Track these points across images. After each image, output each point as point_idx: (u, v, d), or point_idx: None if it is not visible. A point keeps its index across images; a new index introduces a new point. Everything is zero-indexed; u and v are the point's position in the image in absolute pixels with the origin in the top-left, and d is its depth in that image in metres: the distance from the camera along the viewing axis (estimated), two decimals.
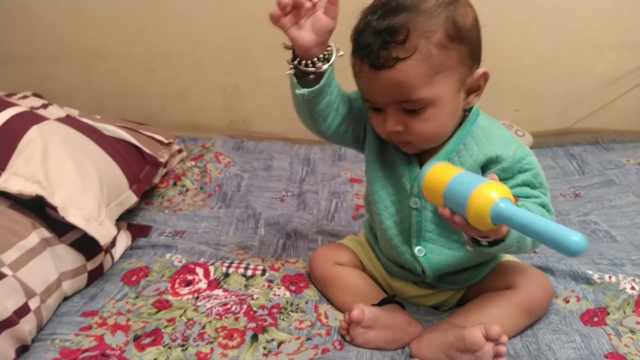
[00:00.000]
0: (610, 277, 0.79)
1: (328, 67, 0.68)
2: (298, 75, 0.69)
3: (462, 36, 0.63)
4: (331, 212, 1.12)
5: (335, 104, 0.72)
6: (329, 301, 0.81)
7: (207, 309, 0.77)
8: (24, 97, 1.19)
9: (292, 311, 0.78)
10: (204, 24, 1.46)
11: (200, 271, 0.86)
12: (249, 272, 0.86)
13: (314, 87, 0.68)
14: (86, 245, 0.82)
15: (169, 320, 0.75)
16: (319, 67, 0.68)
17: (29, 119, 0.91)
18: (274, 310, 0.77)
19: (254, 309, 0.77)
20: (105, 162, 0.97)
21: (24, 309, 0.68)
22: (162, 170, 1.18)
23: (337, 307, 0.79)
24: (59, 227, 0.80)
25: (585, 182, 1.17)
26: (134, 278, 0.86)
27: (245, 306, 0.78)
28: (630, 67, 1.40)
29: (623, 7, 1.35)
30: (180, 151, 1.31)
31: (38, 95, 1.29)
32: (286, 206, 1.16)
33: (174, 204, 1.14)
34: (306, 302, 0.80)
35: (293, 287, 0.83)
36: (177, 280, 0.84)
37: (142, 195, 1.05)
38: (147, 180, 1.09)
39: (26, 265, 0.72)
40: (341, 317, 0.75)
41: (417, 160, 0.72)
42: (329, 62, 0.68)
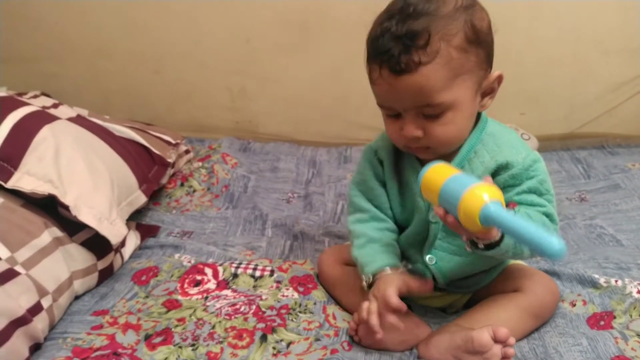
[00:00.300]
0: (616, 281, 0.79)
1: None
2: None
3: (480, 39, 0.64)
4: (337, 213, 1.13)
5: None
6: (337, 302, 0.81)
7: (217, 309, 0.78)
8: (35, 96, 1.19)
9: (300, 312, 0.78)
10: (210, 24, 1.46)
11: (209, 271, 0.87)
12: (258, 273, 0.87)
13: None
14: (97, 244, 0.83)
15: (179, 320, 0.75)
16: None
17: (41, 119, 0.92)
18: (283, 311, 0.78)
19: (263, 309, 0.78)
20: (115, 162, 0.98)
21: (37, 307, 0.69)
22: (170, 171, 1.19)
23: (345, 308, 0.79)
24: (70, 226, 0.81)
25: (591, 187, 1.18)
26: (143, 278, 0.86)
27: (254, 306, 0.78)
28: (635, 72, 1.40)
29: (628, 11, 1.36)
30: (187, 152, 1.32)
31: (47, 95, 1.30)
32: (292, 207, 1.16)
33: (182, 204, 1.15)
34: (314, 303, 0.80)
35: (301, 288, 0.84)
36: (187, 280, 0.85)
37: (150, 196, 1.06)
38: (156, 181, 1.10)
39: (39, 264, 0.73)
40: (349, 318, 0.76)
41: None
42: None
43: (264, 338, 0.72)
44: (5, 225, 0.74)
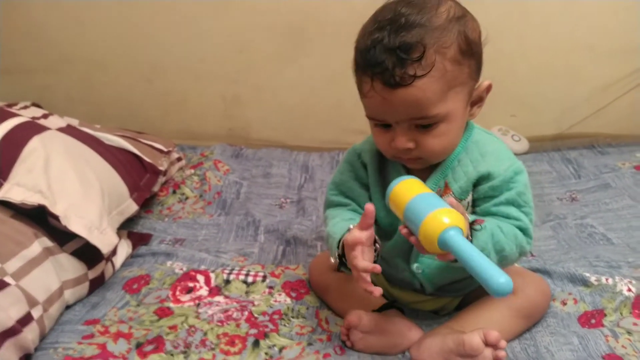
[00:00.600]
0: (607, 279, 0.79)
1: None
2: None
3: (472, 50, 0.64)
4: None
5: None
6: (329, 307, 0.81)
7: (209, 316, 0.78)
8: (25, 107, 1.19)
9: (293, 317, 0.78)
10: (203, 32, 1.47)
11: (201, 278, 0.87)
12: (250, 279, 0.87)
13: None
14: (87, 254, 0.83)
15: (171, 328, 0.75)
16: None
17: (30, 129, 0.92)
18: (275, 317, 0.78)
19: (255, 315, 0.78)
20: (106, 171, 0.98)
21: (27, 318, 0.69)
22: (162, 179, 1.18)
23: (338, 313, 0.79)
24: (60, 236, 0.81)
25: (582, 186, 1.18)
26: (135, 286, 0.86)
27: (246, 312, 0.78)
28: (624, 72, 1.41)
29: (617, 13, 1.37)
30: (179, 159, 1.32)
31: (38, 106, 1.30)
32: (285, 213, 1.16)
33: (174, 211, 1.15)
34: (307, 308, 0.80)
35: (294, 294, 0.84)
36: (178, 288, 0.85)
37: (142, 204, 1.06)
38: (147, 189, 1.09)
39: (29, 274, 0.73)
40: (342, 322, 0.76)
41: None
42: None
43: (256, 344, 0.72)
44: None
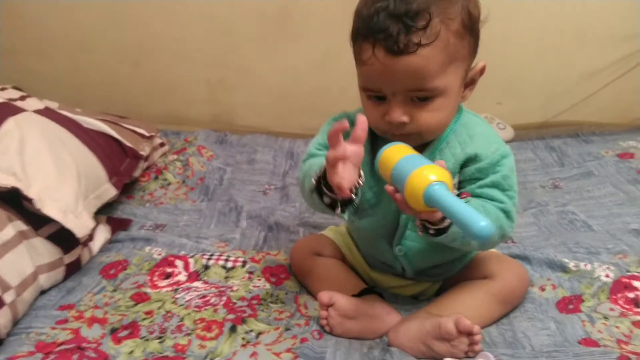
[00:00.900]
0: (585, 265, 0.80)
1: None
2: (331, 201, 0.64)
3: (473, 27, 0.63)
4: None
5: None
6: (309, 292, 0.81)
7: (186, 301, 0.77)
8: (2, 89, 1.17)
9: (271, 302, 0.78)
10: (189, 15, 1.45)
11: (180, 264, 0.86)
12: (229, 264, 0.86)
13: (351, 202, 0.64)
14: (63, 238, 0.81)
15: (147, 313, 0.74)
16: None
17: (5, 111, 0.90)
18: (254, 302, 0.77)
19: (234, 300, 0.77)
20: (83, 154, 0.96)
21: None
22: (143, 164, 1.17)
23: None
24: (35, 220, 0.79)
25: (565, 174, 1.18)
26: (112, 271, 0.85)
27: (224, 298, 0.78)
28: (609, 61, 1.41)
29: (604, 1, 1.36)
30: (162, 145, 1.30)
31: (17, 88, 1.27)
32: (269, 199, 1.15)
33: (156, 197, 1.14)
34: (286, 293, 0.80)
35: (273, 279, 0.83)
36: (157, 273, 0.84)
37: (123, 189, 1.04)
38: (127, 173, 1.08)
39: (1, 258, 0.72)
40: None
41: None
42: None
43: (233, 329, 0.71)
44: None
